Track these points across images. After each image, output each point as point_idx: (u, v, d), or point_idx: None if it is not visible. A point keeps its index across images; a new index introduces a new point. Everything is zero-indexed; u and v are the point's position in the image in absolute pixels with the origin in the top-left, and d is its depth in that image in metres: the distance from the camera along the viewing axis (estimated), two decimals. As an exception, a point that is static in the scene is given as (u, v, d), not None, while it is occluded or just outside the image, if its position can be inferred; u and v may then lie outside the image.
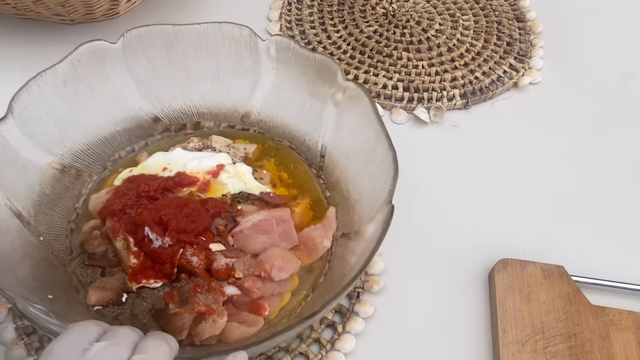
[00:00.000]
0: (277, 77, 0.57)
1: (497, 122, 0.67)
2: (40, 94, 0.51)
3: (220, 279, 0.48)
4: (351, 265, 0.47)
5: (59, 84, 0.52)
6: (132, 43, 0.55)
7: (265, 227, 0.49)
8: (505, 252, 0.55)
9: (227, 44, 0.56)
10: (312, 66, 0.55)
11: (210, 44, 0.56)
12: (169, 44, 0.56)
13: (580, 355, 0.47)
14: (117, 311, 0.47)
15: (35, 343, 0.48)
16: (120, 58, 0.55)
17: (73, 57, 0.52)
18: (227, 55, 0.57)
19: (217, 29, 0.56)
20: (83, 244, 0.51)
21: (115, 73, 0.55)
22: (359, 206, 0.51)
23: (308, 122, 0.58)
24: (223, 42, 0.56)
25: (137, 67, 0.56)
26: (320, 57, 0.54)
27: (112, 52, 0.54)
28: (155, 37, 0.55)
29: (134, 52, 0.55)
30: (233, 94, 0.59)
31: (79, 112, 0.54)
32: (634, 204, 0.61)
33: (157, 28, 0.55)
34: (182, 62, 0.57)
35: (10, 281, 0.43)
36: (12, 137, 0.49)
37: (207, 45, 0.57)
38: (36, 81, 0.50)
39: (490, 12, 0.78)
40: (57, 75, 0.52)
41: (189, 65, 0.57)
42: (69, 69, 0.52)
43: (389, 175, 0.47)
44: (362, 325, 0.50)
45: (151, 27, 0.54)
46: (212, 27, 0.56)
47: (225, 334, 0.45)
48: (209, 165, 0.53)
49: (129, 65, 0.55)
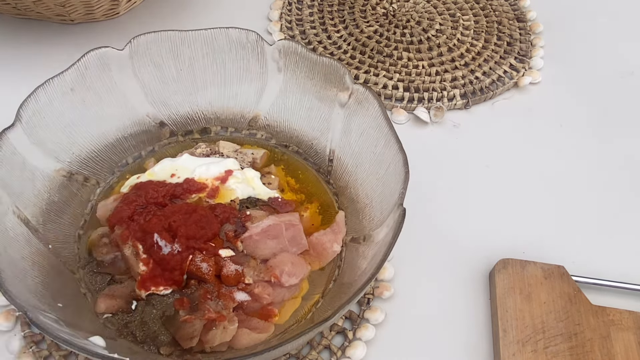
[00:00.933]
0: (284, 81, 0.57)
1: (497, 122, 0.68)
2: (48, 102, 0.51)
3: (230, 285, 0.48)
4: (362, 270, 0.47)
5: (66, 92, 0.52)
6: (139, 49, 0.54)
7: (274, 232, 0.50)
8: (505, 252, 0.55)
9: (234, 49, 0.56)
10: (319, 70, 0.55)
11: (217, 49, 0.56)
12: (176, 49, 0.56)
13: (580, 355, 0.48)
14: (126, 319, 0.47)
15: (43, 351, 0.48)
16: (127, 65, 0.55)
17: (80, 64, 0.52)
18: (234, 60, 0.57)
19: (223, 34, 0.56)
20: (92, 251, 0.51)
21: (122, 80, 0.55)
22: (368, 210, 0.52)
23: (316, 127, 0.58)
24: (230, 48, 0.56)
25: (144, 74, 0.56)
26: (328, 61, 0.54)
27: (119, 59, 0.54)
28: (162, 43, 0.55)
29: (141, 59, 0.55)
30: (240, 99, 0.59)
31: (87, 119, 0.54)
32: (634, 204, 0.61)
33: (165, 34, 0.55)
34: (189, 67, 0.57)
35: (20, 289, 0.43)
36: (20, 144, 0.49)
37: (214, 50, 0.56)
38: (44, 89, 0.50)
39: (491, 12, 0.79)
40: (65, 83, 0.52)
41: (195, 71, 0.57)
42: (76, 76, 0.52)
43: (400, 178, 0.47)
44: (373, 332, 0.50)
45: (158, 34, 0.54)
46: (219, 32, 0.56)
47: (235, 341, 0.45)
48: (217, 171, 0.53)
49: (136, 72, 0.55)
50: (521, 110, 0.69)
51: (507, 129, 0.67)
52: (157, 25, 0.64)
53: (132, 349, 0.46)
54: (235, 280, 0.48)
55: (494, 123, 0.68)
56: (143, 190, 0.52)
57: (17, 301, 0.40)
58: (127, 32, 0.73)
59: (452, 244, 0.57)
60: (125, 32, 0.74)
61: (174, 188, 0.52)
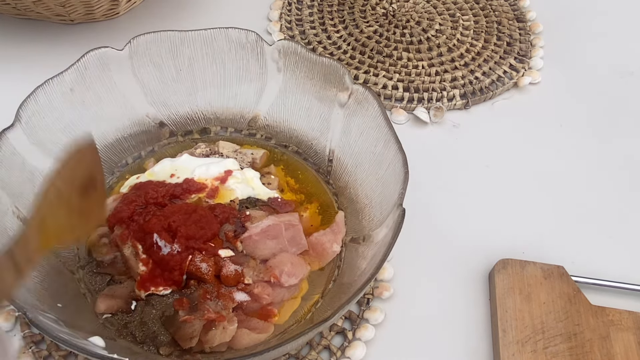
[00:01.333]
0: (283, 81, 0.57)
1: (497, 122, 0.68)
2: (48, 102, 0.51)
3: (230, 285, 0.48)
4: (361, 271, 0.47)
5: (66, 92, 0.52)
6: (138, 50, 0.54)
7: (274, 233, 0.50)
8: (505, 252, 0.55)
9: (234, 49, 0.56)
10: (319, 70, 0.55)
11: (217, 49, 0.56)
12: (176, 50, 0.56)
13: (580, 355, 0.48)
14: (126, 319, 0.47)
15: (43, 352, 0.48)
16: (126, 65, 0.55)
17: (80, 64, 0.52)
18: (234, 60, 0.57)
19: (223, 34, 0.56)
20: (91, 251, 0.51)
21: (122, 80, 0.55)
22: (368, 210, 0.52)
23: (315, 127, 0.58)
24: (229, 48, 0.56)
25: (144, 74, 0.56)
26: (328, 61, 0.54)
27: (118, 59, 0.54)
28: (161, 43, 0.55)
29: (141, 59, 0.55)
30: (240, 99, 0.59)
31: (86, 119, 0.54)
32: (634, 204, 0.61)
33: (164, 34, 0.55)
34: (189, 67, 0.57)
35: (19, 290, 0.43)
36: (19, 145, 0.49)
37: (213, 50, 0.56)
38: (43, 89, 0.50)
39: (490, 12, 0.79)
40: (64, 83, 0.52)
41: (195, 71, 0.57)
42: (76, 77, 0.52)
43: (399, 179, 0.47)
44: (373, 333, 0.50)
45: (158, 34, 0.54)
46: (219, 32, 0.56)
47: (235, 341, 0.45)
48: (216, 172, 0.53)
49: (136, 72, 0.55)
50: (521, 110, 0.69)
51: (506, 129, 0.67)
52: (156, 25, 0.64)
53: (131, 349, 0.46)
54: (235, 281, 0.48)
55: (494, 123, 0.68)
56: (142, 190, 0.52)
57: (16, 301, 0.40)
58: (126, 32, 0.73)
59: (452, 244, 0.57)
60: (125, 32, 0.74)
61: (174, 188, 0.52)
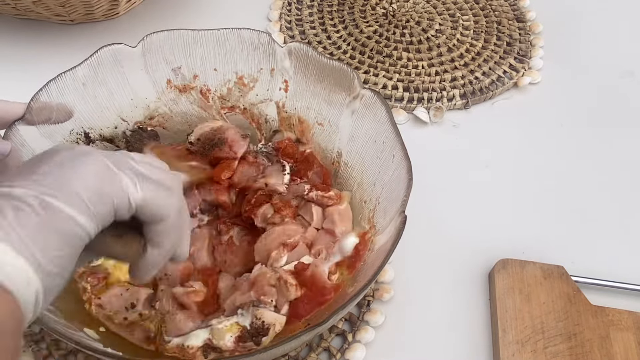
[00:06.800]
0: (294, 84, 0.57)
1: (497, 122, 0.68)
2: (60, 96, 0.50)
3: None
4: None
5: (78, 86, 0.51)
6: (151, 47, 0.54)
7: None
8: (505, 252, 0.55)
9: (246, 49, 0.56)
10: (329, 74, 0.54)
11: (229, 49, 0.56)
12: (188, 48, 0.55)
13: (580, 355, 0.48)
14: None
15: (43, 351, 0.48)
16: (139, 61, 0.54)
17: (93, 59, 0.52)
18: (246, 60, 0.57)
19: (235, 34, 0.55)
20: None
21: (134, 76, 0.55)
22: (371, 216, 0.51)
23: (324, 130, 0.57)
24: (242, 48, 0.56)
25: (156, 71, 0.55)
26: (338, 65, 0.53)
27: (131, 56, 0.53)
28: (174, 41, 0.55)
29: (154, 56, 0.55)
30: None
31: (97, 114, 0.54)
32: (634, 204, 0.61)
33: (177, 33, 0.54)
34: (201, 66, 0.56)
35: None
36: (30, 137, 0.48)
37: (225, 50, 0.56)
38: (55, 83, 0.50)
39: (490, 12, 0.79)
40: (77, 78, 0.51)
41: (207, 70, 0.57)
42: (89, 71, 0.52)
43: (403, 185, 0.46)
44: (373, 335, 0.50)
45: (171, 32, 0.54)
46: (231, 32, 0.55)
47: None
48: None
49: (148, 69, 0.55)
50: (521, 110, 0.69)
51: (506, 129, 0.67)
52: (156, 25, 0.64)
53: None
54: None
55: (494, 123, 0.68)
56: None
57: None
58: (126, 33, 0.74)
59: (452, 244, 0.57)
60: (124, 32, 0.74)
61: None
